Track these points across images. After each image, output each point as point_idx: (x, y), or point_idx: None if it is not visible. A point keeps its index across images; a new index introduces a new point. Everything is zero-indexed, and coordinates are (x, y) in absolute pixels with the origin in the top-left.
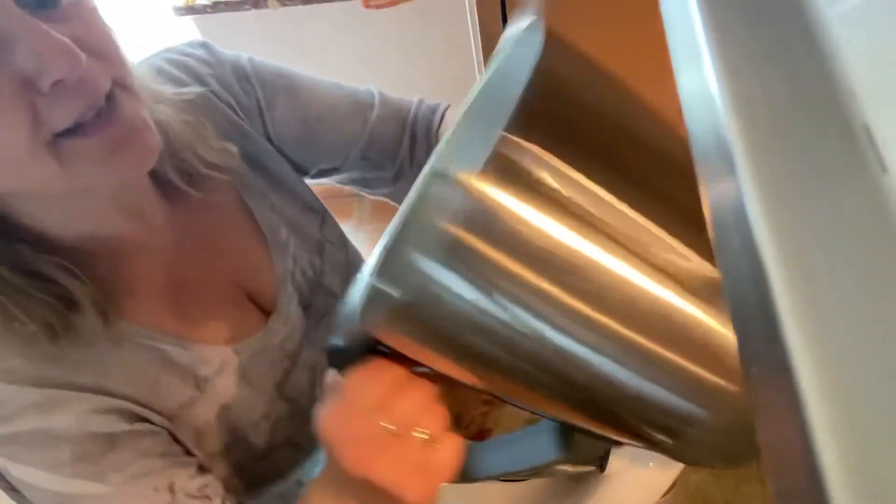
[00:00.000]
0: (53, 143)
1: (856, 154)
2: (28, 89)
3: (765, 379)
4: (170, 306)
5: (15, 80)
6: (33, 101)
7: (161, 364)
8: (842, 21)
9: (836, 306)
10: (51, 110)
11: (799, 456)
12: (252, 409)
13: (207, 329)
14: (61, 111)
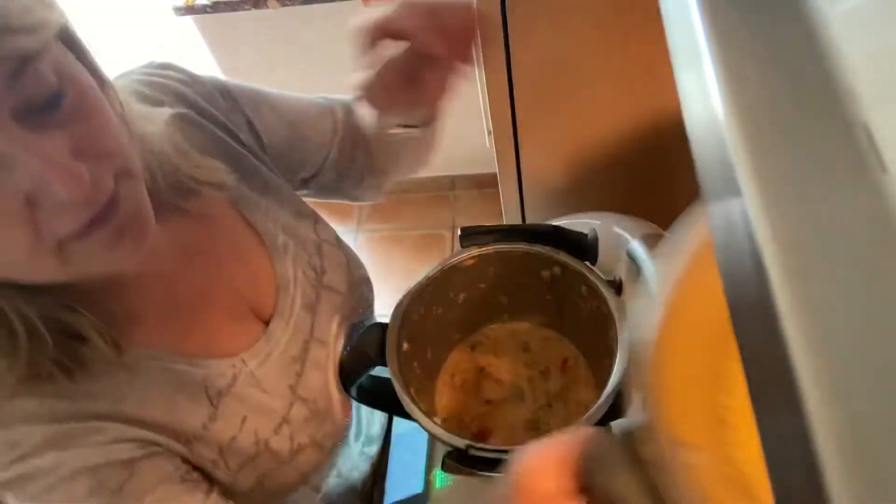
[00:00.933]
0: (56, 246)
1: (856, 154)
2: (30, 205)
3: (765, 379)
4: (175, 326)
5: (17, 198)
6: (35, 215)
7: (176, 385)
8: (842, 21)
9: (836, 306)
10: (54, 222)
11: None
12: (270, 415)
13: (213, 344)
14: (65, 222)
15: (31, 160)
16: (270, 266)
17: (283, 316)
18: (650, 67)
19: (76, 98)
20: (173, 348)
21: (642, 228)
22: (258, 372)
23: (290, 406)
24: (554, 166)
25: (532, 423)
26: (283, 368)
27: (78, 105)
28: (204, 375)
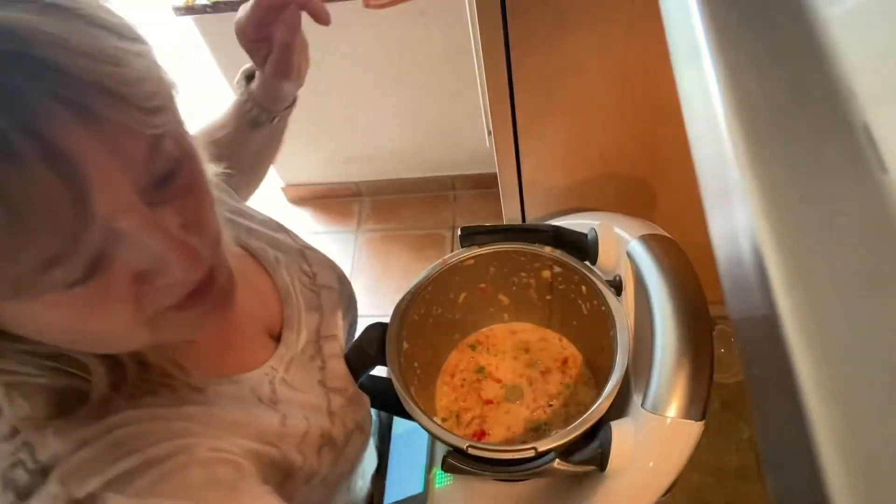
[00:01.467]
0: (151, 318)
1: (856, 154)
2: (138, 281)
3: (765, 379)
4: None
5: (127, 275)
6: (141, 291)
7: (239, 401)
8: (842, 21)
9: (836, 306)
10: (157, 298)
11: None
12: (318, 409)
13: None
14: (168, 297)
15: (149, 237)
16: (271, 281)
17: (293, 323)
18: (650, 67)
19: (189, 169)
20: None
21: (642, 228)
22: (288, 376)
23: (328, 398)
24: (554, 166)
25: (532, 422)
26: (306, 369)
27: (189, 177)
28: (250, 388)
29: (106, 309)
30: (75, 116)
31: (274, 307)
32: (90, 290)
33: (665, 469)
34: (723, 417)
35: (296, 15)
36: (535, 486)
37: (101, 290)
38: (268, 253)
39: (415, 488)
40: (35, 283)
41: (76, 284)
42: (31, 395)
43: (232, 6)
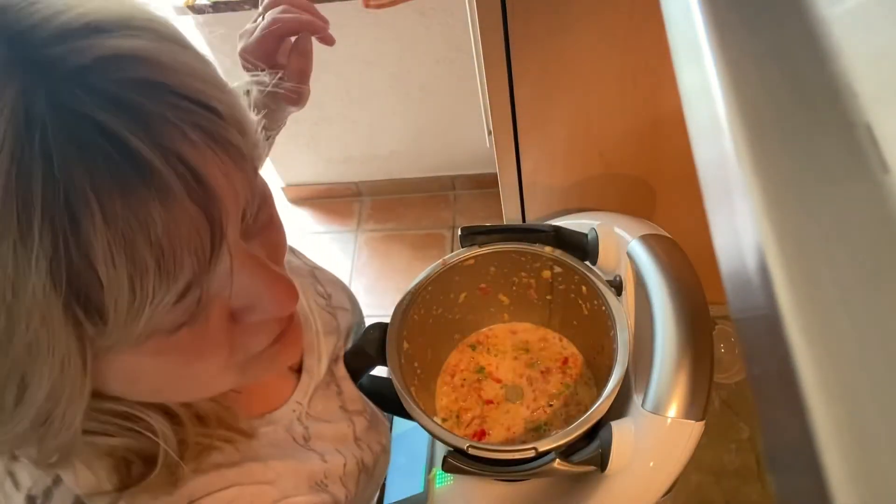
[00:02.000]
0: (241, 364)
1: (857, 154)
2: (232, 321)
3: (767, 379)
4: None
5: (224, 315)
6: (233, 332)
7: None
8: (842, 21)
9: (837, 306)
10: (248, 339)
11: (801, 456)
12: (346, 438)
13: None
14: (259, 340)
15: (248, 272)
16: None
17: (313, 349)
18: (650, 67)
19: (271, 202)
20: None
21: (642, 228)
22: (311, 409)
23: (352, 423)
24: (554, 166)
25: (532, 422)
26: (326, 396)
27: (270, 209)
28: (284, 427)
29: (203, 353)
30: (208, 143)
31: None
32: (193, 334)
33: (665, 469)
34: (723, 417)
35: (308, 41)
36: (535, 486)
37: (202, 332)
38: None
39: (415, 488)
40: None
41: (183, 326)
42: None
43: (232, 6)
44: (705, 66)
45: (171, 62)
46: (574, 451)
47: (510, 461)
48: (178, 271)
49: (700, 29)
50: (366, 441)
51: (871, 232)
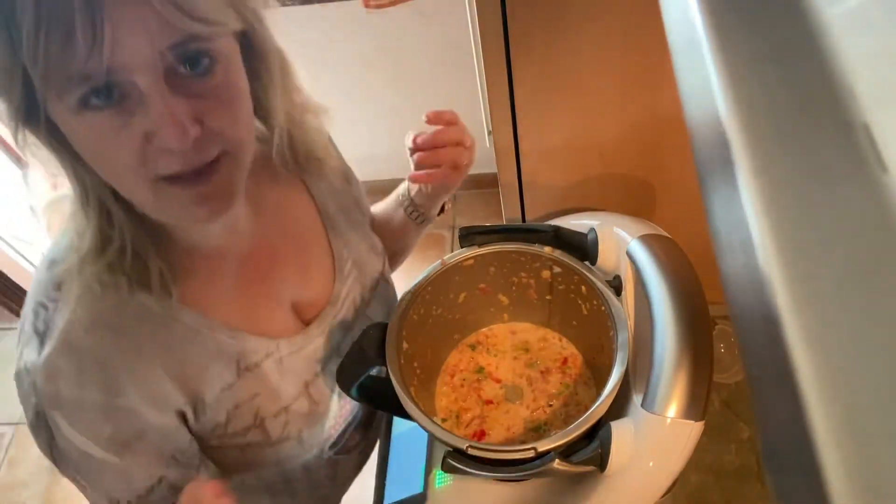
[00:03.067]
0: (154, 182)
1: (856, 154)
2: (146, 139)
3: (765, 379)
4: (230, 301)
5: (140, 130)
6: (146, 147)
7: (214, 353)
8: (842, 21)
9: (836, 306)
10: (156, 159)
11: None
12: (277, 400)
13: (254, 321)
14: (163, 164)
15: (160, 106)
16: (331, 283)
17: (324, 323)
18: (650, 67)
19: (218, 83)
20: (221, 317)
21: (642, 228)
22: (286, 360)
23: (297, 399)
24: (554, 166)
25: (532, 422)
26: (307, 365)
27: (215, 88)
28: (241, 349)
29: (121, 143)
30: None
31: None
32: (113, 121)
33: (665, 469)
34: (723, 417)
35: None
36: (534, 486)
37: (120, 126)
38: (346, 264)
39: (415, 488)
40: (67, 90)
41: (101, 108)
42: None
43: None
44: (705, 66)
45: None
46: (574, 452)
47: (510, 461)
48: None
49: (699, 29)
50: (289, 417)
51: (869, 232)
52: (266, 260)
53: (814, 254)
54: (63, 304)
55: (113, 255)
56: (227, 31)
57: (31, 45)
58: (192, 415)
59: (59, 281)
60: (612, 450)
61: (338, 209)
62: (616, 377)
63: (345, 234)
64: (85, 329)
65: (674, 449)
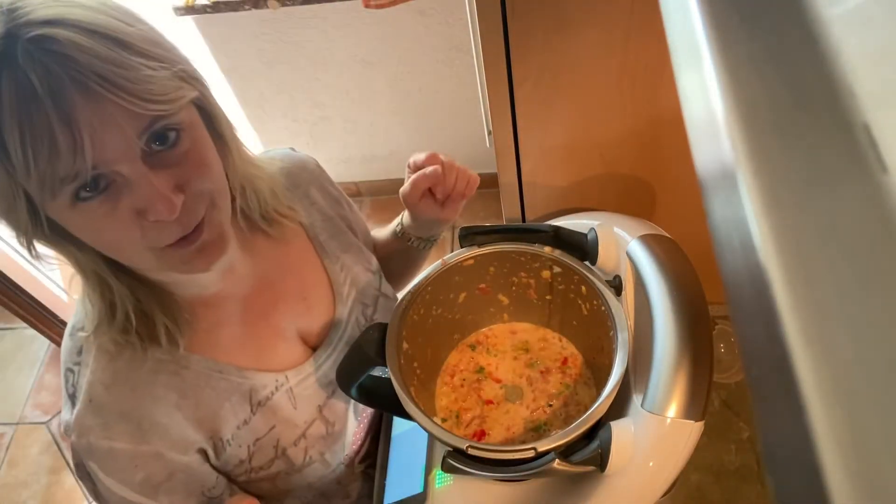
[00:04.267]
0: (154, 248)
1: (856, 154)
2: (139, 216)
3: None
4: (237, 342)
5: (132, 209)
6: (142, 223)
7: (227, 392)
8: (842, 21)
9: (836, 306)
10: (154, 233)
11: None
12: (294, 428)
13: (263, 358)
14: (161, 237)
15: (145, 187)
16: (333, 307)
17: (330, 347)
18: (650, 67)
19: (187, 149)
20: (230, 358)
21: (642, 228)
22: (296, 389)
23: (311, 423)
24: (554, 166)
25: (531, 422)
26: (317, 390)
27: (186, 154)
28: (251, 385)
29: (117, 226)
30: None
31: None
32: (104, 207)
33: (665, 469)
34: (723, 417)
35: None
36: (534, 486)
37: (114, 212)
38: (344, 286)
39: (415, 488)
40: (59, 190)
41: (92, 198)
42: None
43: (232, 6)
44: (704, 66)
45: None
46: (573, 452)
47: (510, 461)
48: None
49: (699, 29)
50: (309, 442)
51: (869, 232)
52: (266, 298)
53: (814, 254)
54: (84, 367)
55: (121, 320)
56: (185, 103)
57: (22, 162)
58: (213, 452)
59: (79, 347)
60: (612, 450)
61: (329, 235)
62: (616, 377)
63: (340, 257)
64: (105, 387)
65: (674, 449)
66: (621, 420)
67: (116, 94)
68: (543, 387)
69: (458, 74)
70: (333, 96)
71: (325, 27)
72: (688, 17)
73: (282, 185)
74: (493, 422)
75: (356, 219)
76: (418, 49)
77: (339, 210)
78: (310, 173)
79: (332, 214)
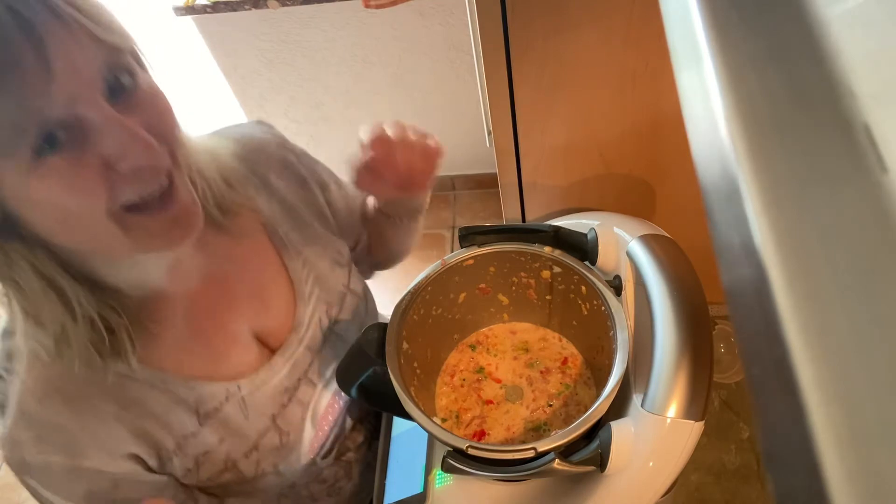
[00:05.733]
0: (121, 216)
1: (856, 154)
2: (107, 168)
3: (765, 379)
4: (184, 349)
5: (98, 160)
6: (110, 178)
7: (171, 403)
8: (842, 21)
9: (835, 306)
10: (123, 186)
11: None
12: (244, 440)
13: (213, 366)
14: (132, 188)
15: (116, 130)
16: (293, 308)
17: (288, 352)
18: (650, 67)
19: (145, 90)
20: (176, 367)
21: (642, 228)
22: (249, 398)
23: (265, 434)
24: (554, 166)
25: (531, 422)
26: (272, 398)
27: (146, 95)
28: (197, 396)
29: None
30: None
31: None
32: (71, 165)
33: (665, 469)
34: (723, 417)
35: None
36: (534, 486)
37: (78, 167)
38: (305, 285)
39: (415, 488)
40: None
41: (55, 153)
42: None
43: (232, 6)
44: (704, 66)
45: None
46: (573, 451)
47: (510, 461)
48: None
49: (699, 29)
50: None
51: (869, 232)
52: (217, 297)
53: (813, 254)
54: (14, 376)
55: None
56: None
57: None
58: (156, 463)
59: (11, 352)
60: (612, 450)
61: (290, 227)
62: (616, 377)
63: (301, 251)
64: (37, 399)
65: (674, 449)
66: (621, 420)
67: (87, 18)
68: (543, 387)
69: (458, 74)
70: (333, 96)
71: (325, 27)
72: (688, 16)
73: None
74: (493, 422)
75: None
76: (418, 49)
77: (306, 195)
78: (269, 157)
79: (294, 203)
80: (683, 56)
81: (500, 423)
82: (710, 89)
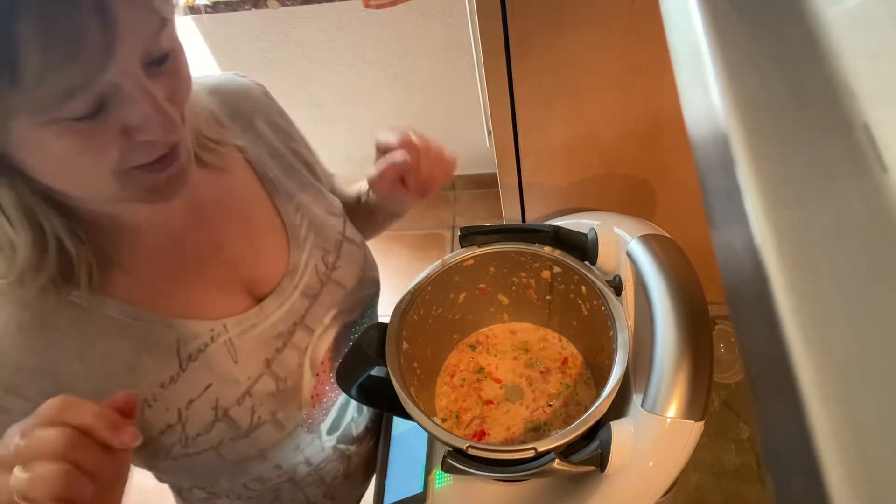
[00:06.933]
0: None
1: (856, 154)
2: (125, 136)
3: (765, 379)
4: (161, 282)
5: (117, 128)
6: (126, 143)
7: (146, 344)
8: (842, 21)
9: (835, 306)
10: (134, 152)
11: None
12: (235, 385)
13: (195, 306)
14: (143, 155)
15: (147, 104)
16: (287, 252)
17: (281, 296)
18: (650, 67)
19: (175, 59)
20: (153, 305)
21: (642, 228)
22: (237, 340)
23: (258, 379)
24: (554, 166)
25: (532, 422)
26: (265, 342)
27: (176, 64)
28: (178, 335)
29: (98, 148)
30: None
31: (273, 274)
32: (92, 128)
33: (665, 469)
34: (723, 417)
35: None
36: (534, 486)
37: (98, 131)
38: (300, 229)
39: (415, 488)
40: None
41: (85, 119)
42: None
43: (232, 6)
44: (704, 66)
45: None
46: (573, 451)
47: (510, 461)
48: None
49: (699, 29)
50: (256, 401)
51: (869, 232)
52: (203, 239)
53: (814, 254)
54: None
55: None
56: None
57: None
58: None
59: None
60: (612, 450)
61: (282, 171)
62: (616, 377)
63: (294, 196)
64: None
65: (674, 449)
66: (621, 420)
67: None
68: (543, 387)
69: (458, 74)
70: (333, 96)
71: (325, 27)
72: (688, 16)
73: (216, 113)
74: (493, 422)
75: (316, 160)
76: (418, 49)
77: (292, 145)
78: (254, 102)
79: (282, 150)
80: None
81: (500, 423)
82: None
